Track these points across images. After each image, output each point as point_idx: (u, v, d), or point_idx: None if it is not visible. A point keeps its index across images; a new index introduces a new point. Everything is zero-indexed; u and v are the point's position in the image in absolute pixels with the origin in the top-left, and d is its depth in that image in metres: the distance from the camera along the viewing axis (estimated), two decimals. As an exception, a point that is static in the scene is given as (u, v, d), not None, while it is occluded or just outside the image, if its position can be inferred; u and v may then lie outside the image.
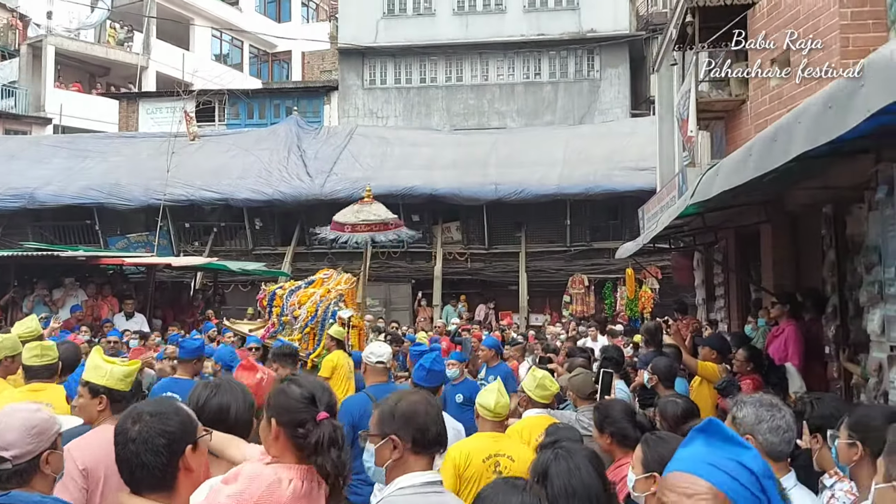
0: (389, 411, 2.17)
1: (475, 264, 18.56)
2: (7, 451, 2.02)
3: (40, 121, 25.88)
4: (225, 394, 2.31)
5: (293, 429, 2.03)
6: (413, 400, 2.22)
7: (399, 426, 2.13)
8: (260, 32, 29.71)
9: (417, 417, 2.15)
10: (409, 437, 2.12)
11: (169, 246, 18.43)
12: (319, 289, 8.25)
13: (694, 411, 3.61)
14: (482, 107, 22.90)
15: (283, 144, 19.93)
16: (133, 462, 1.80)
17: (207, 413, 2.25)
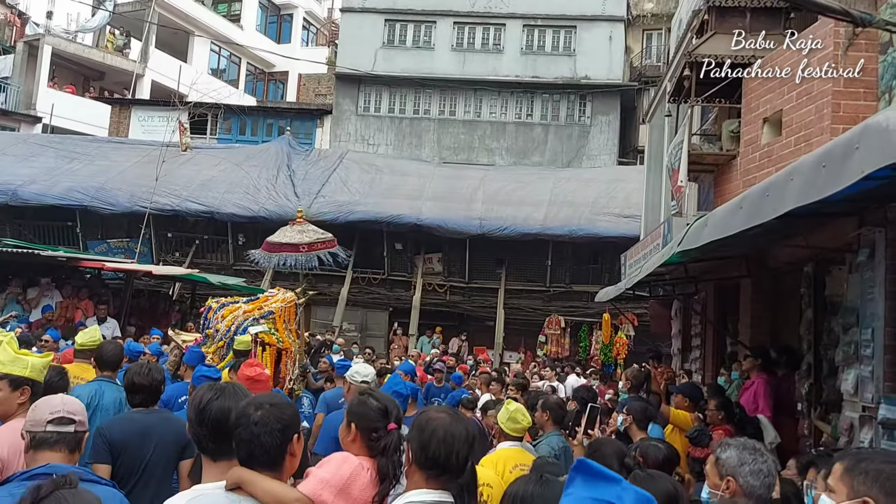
0: (416, 419, 2.21)
1: (454, 297, 18.61)
2: (75, 416, 2.46)
3: (30, 119, 25.69)
4: (228, 398, 2.30)
5: (368, 433, 2.58)
6: (430, 416, 2.17)
7: (411, 437, 2.15)
8: (259, 49, 29.88)
9: (423, 434, 2.12)
10: (413, 451, 2.13)
11: (149, 254, 18.31)
12: (250, 306, 8.22)
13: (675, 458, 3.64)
14: (473, 142, 23.17)
15: (273, 163, 19.99)
16: (253, 442, 2.08)
17: (209, 415, 2.23)
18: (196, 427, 2.23)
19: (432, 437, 2.09)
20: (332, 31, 31.05)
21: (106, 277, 15.26)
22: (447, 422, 2.14)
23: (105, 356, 4.69)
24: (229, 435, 2.15)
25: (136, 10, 28.16)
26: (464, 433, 2.13)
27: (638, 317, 14.89)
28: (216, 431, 2.21)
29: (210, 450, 2.23)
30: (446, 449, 2.08)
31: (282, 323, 8.14)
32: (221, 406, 2.24)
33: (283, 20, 34.37)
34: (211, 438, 2.22)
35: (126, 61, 28.33)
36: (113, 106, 26.00)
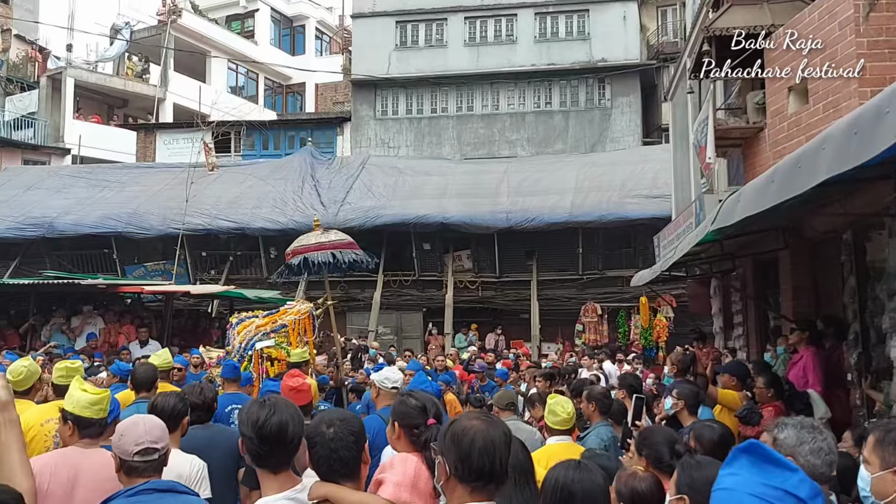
0: (444, 430, 2.05)
1: (486, 292, 18.58)
2: (158, 444, 2.62)
3: (59, 151, 26.26)
4: (282, 412, 2.35)
5: (410, 430, 2.81)
6: (466, 425, 1.99)
7: (447, 448, 1.99)
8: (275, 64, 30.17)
9: (461, 444, 1.95)
10: (452, 462, 1.95)
11: (186, 274, 18.54)
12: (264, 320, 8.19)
13: (730, 438, 3.58)
14: (493, 136, 23.12)
15: (297, 174, 20.16)
16: (332, 458, 2.24)
17: (268, 431, 2.29)
18: (256, 444, 2.27)
19: (472, 447, 1.94)
20: (344, 39, 31.19)
21: (146, 300, 15.55)
22: (484, 428, 1.99)
23: (139, 378, 4.91)
24: (288, 448, 2.26)
25: (153, 35, 28.62)
26: (502, 437, 2.00)
27: (676, 298, 14.73)
28: (277, 446, 2.28)
29: (270, 464, 2.29)
30: (489, 457, 1.94)
31: (295, 336, 8.07)
32: (280, 421, 2.30)
33: (295, 32, 34.62)
34: (272, 453, 2.28)
35: (147, 86, 28.80)
36: (138, 132, 26.47)
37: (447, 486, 1.99)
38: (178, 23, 28.25)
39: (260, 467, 2.32)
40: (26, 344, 12.12)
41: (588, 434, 5.04)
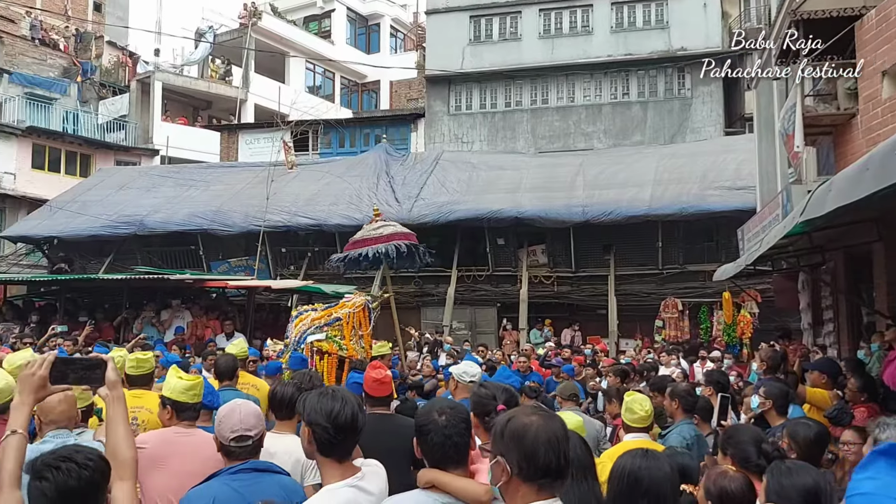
0: (499, 430, 1.96)
1: (562, 287, 18.36)
2: (251, 431, 2.82)
3: (148, 152, 27.50)
4: (352, 403, 2.42)
5: (482, 418, 3.00)
6: (525, 421, 1.91)
7: (506, 447, 1.91)
8: (351, 62, 30.67)
9: (524, 441, 1.88)
10: (515, 462, 1.87)
11: (267, 270, 19.08)
12: (320, 314, 8.15)
13: (827, 438, 3.42)
14: (568, 128, 22.83)
15: (372, 171, 20.42)
16: (447, 444, 2.29)
17: (342, 421, 2.36)
18: (331, 433, 2.33)
19: (536, 443, 1.87)
20: (419, 35, 31.41)
21: (230, 295, 16.11)
22: (543, 423, 1.92)
23: (221, 367, 5.18)
24: (356, 437, 2.40)
25: (235, 38, 29.59)
26: (562, 430, 1.94)
27: (761, 293, 14.18)
28: (349, 435, 2.37)
29: (337, 453, 2.37)
30: (555, 452, 1.87)
31: (349, 329, 7.94)
32: (352, 411, 2.38)
33: (371, 30, 35.12)
34: (342, 442, 2.36)
35: (230, 88, 29.80)
36: (221, 132, 27.41)
37: (508, 488, 1.90)
38: (259, 25, 29.11)
39: (326, 456, 2.38)
40: (120, 336, 12.76)
41: (670, 432, 4.91)
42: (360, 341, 7.95)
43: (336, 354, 7.55)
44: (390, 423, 4.26)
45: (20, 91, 25.35)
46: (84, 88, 28.14)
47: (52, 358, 2.35)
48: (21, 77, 25.72)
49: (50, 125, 25.67)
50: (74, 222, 19.84)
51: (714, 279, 11.88)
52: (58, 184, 23.95)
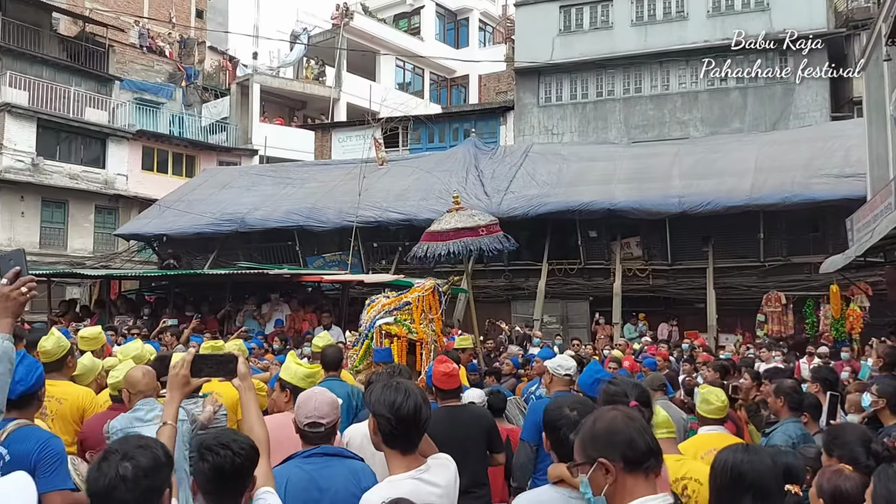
0: (590, 434, 1.94)
1: (657, 281, 17.89)
2: (324, 419, 2.94)
3: (248, 152, 28.66)
4: (416, 396, 2.48)
5: None
6: (609, 416, 1.95)
7: (604, 446, 1.90)
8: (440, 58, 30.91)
9: (620, 432, 1.90)
10: (619, 455, 1.87)
11: (359, 264, 19.50)
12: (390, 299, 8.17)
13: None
14: (663, 117, 22.18)
15: (461, 165, 20.50)
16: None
17: (405, 413, 2.41)
18: (394, 425, 2.40)
19: (630, 431, 1.89)
20: (507, 28, 31.30)
21: (325, 289, 16.58)
22: (626, 413, 1.96)
23: (327, 358, 5.28)
24: (420, 430, 2.43)
25: (328, 38, 30.36)
26: (640, 416, 2.03)
27: (872, 285, 13.38)
28: (413, 428, 2.42)
29: (401, 445, 2.43)
30: (649, 435, 1.92)
31: (419, 313, 7.88)
32: (415, 404, 2.43)
33: (460, 25, 35.26)
34: (406, 434, 2.42)
35: (323, 88, 30.63)
36: (315, 131, 28.20)
37: (616, 488, 1.86)
38: (351, 25, 29.75)
39: (391, 447, 2.44)
40: (223, 329, 13.36)
41: (775, 430, 4.71)
42: (431, 325, 7.87)
43: (406, 338, 7.53)
44: (463, 414, 4.35)
45: (130, 97, 26.90)
46: (188, 92, 29.59)
47: (190, 357, 2.68)
48: (131, 83, 27.30)
49: (158, 128, 27.13)
50: (181, 220, 20.91)
51: (821, 271, 11.34)
52: (165, 184, 25.31)
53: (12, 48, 23.86)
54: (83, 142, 24.97)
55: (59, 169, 23.73)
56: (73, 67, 25.49)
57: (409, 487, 2.34)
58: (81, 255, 23.87)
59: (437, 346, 7.83)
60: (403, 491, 2.31)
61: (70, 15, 26.69)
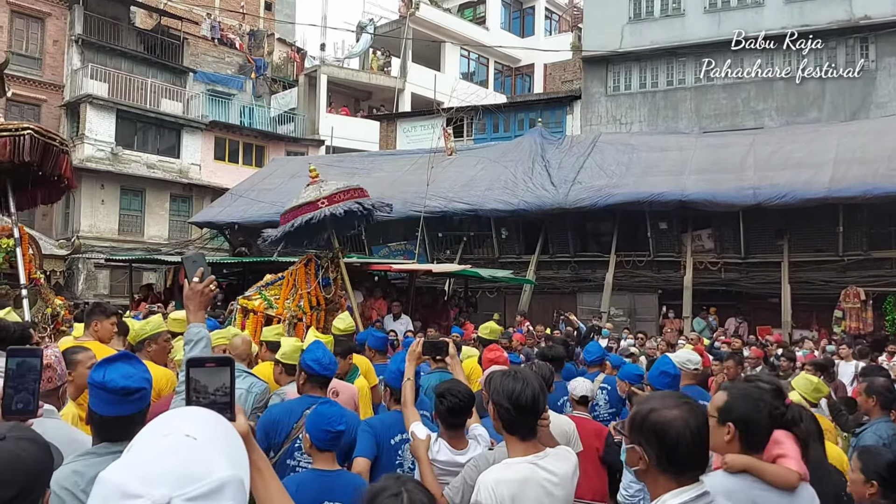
0: (641, 418, 1.93)
1: (729, 274, 17.47)
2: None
3: (315, 143, 29.15)
4: (533, 384, 2.55)
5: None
6: (670, 415, 1.88)
7: (645, 439, 1.90)
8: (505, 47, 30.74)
9: (667, 435, 1.86)
10: (654, 452, 1.87)
11: (424, 254, 19.66)
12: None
13: None
14: (736, 106, 21.54)
15: (527, 155, 20.38)
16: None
17: (524, 401, 2.49)
18: (512, 413, 2.46)
19: (680, 440, 1.85)
20: (574, 16, 30.91)
21: (391, 278, 16.74)
22: (686, 417, 1.88)
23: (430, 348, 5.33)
24: (538, 416, 2.50)
25: (394, 29, 30.55)
26: (704, 422, 1.92)
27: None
28: (531, 415, 2.48)
29: (520, 431, 2.49)
30: (697, 448, 1.87)
31: (289, 288, 8.04)
32: (533, 392, 2.48)
33: (525, 14, 34.98)
34: (524, 421, 2.48)
35: (388, 79, 30.87)
36: (380, 121, 28.46)
37: (647, 475, 1.91)
38: (417, 15, 29.86)
39: (510, 434, 2.51)
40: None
41: (865, 430, 4.61)
42: (301, 301, 7.93)
43: (262, 313, 7.65)
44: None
45: (203, 88, 27.67)
46: (258, 84, 30.25)
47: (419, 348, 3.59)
48: (204, 75, 28.07)
49: (229, 119, 27.86)
50: (252, 209, 21.43)
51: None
52: (236, 173, 25.99)
53: (93, 41, 24.83)
54: (159, 132, 25.85)
55: (137, 158, 24.62)
56: (150, 59, 26.36)
57: (525, 471, 2.39)
58: (157, 241, 24.76)
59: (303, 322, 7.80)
60: (518, 474, 2.37)
61: (146, 8, 27.58)
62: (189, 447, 1.07)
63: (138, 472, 1.02)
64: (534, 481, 2.38)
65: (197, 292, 2.54)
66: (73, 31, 24.64)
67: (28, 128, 7.32)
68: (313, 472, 3.09)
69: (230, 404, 1.45)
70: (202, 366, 1.47)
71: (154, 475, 1.01)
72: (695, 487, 1.86)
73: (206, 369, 1.46)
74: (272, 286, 8.24)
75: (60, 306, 8.24)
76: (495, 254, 19.88)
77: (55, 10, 24.71)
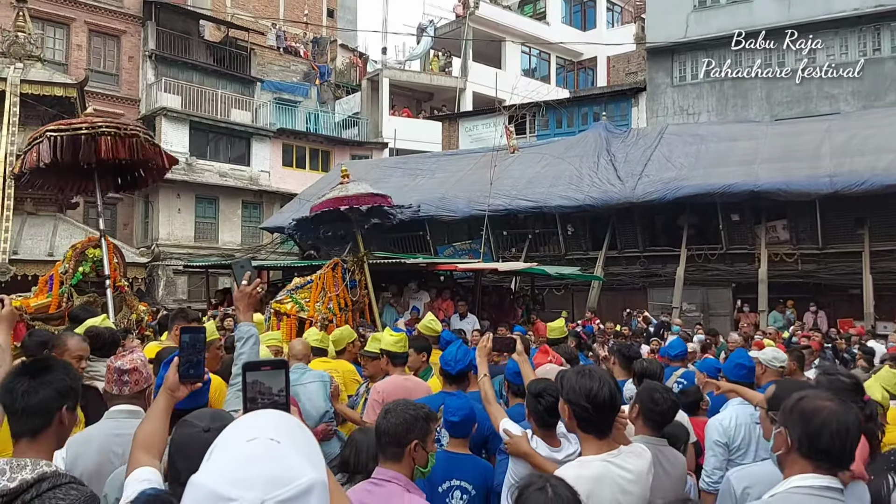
0: (791, 404, 2.05)
1: (806, 266, 16.86)
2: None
3: (378, 145, 29.53)
4: (609, 382, 2.57)
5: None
6: (820, 405, 1.99)
7: (792, 423, 2.01)
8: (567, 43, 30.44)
9: (813, 422, 1.96)
10: (797, 436, 1.99)
11: (489, 253, 19.66)
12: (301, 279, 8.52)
13: None
14: (809, 92, 20.77)
15: (592, 150, 20.13)
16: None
17: (600, 400, 2.50)
18: (590, 412, 2.46)
19: (823, 428, 1.94)
20: (637, 7, 30.31)
21: (457, 277, 16.82)
22: (837, 410, 1.96)
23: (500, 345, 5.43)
24: (615, 415, 2.52)
25: (453, 29, 30.66)
26: (855, 421, 1.98)
27: None
28: (609, 413, 2.49)
29: (597, 429, 2.50)
30: (840, 441, 1.94)
31: (318, 291, 8.24)
32: (610, 390, 2.48)
33: (586, 7, 34.53)
34: (603, 419, 2.49)
35: (449, 79, 31.00)
36: (442, 122, 28.62)
37: (787, 458, 2.03)
38: (476, 14, 29.89)
39: (585, 432, 2.52)
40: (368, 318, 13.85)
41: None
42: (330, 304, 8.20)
43: (295, 315, 7.88)
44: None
45: (270, 97, 28.42)
46: (322, 90, 30.86)
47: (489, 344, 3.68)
48: (271, 84, 28.82)
49: (295, 126, 28.52)
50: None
51: None
52: (303, 179, 26.58)
53: (166, 56, 25.81)
54: (230, 141, 26.68)
55: (210, 167, 25.47)
56: (219, 71, 27.24)
57: (600, 469, 2.40)
58: (231, 247, 25.57)
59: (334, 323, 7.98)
60: (592, 472, 2.38)
61: (214, 21, 28.49)
62: (275, 451, 1.11)
63: (230, 477, 1.05)
64: (609, 479, 2.38)
65: (245, 294, 2.76)
66: (147, 47, 25.68)
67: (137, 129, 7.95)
68: (443, 452, 3.32)
69: (287, 404, 1.53)
70: (258, 369, 1.54)
71: (245, 479, 1.04)
72: (827, 479, 1.95)
73: (262, 372, 1.53)
74: (301, 290, 8.57)
75: (144, 312, 8.63)
76: (561, 251, 19.72)
77: (130, 28, 25.81)
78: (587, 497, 2.31)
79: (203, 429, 1.93)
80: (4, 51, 18.33)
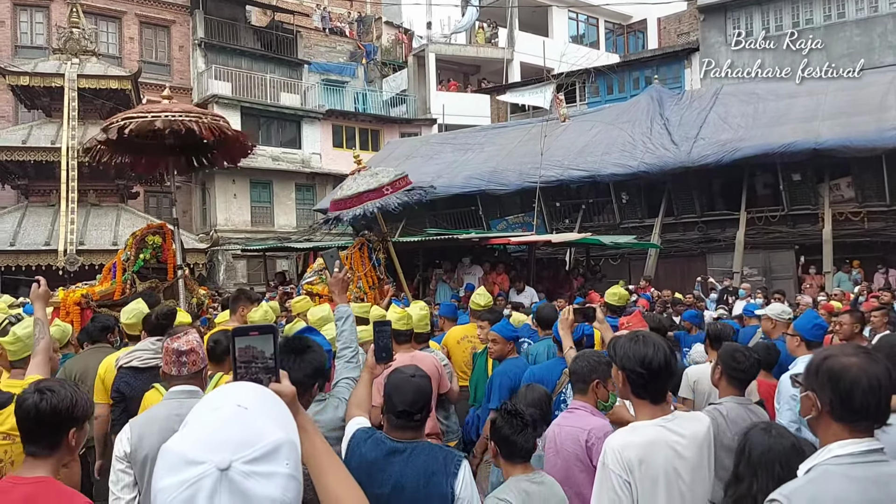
0: (815, 365, 1.94)
1: (873, 224, 16.21)
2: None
3: (427, 122, 29.46)
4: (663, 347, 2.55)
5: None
6: (847, 362, 1.88)
7: (819, 385, 1.90)
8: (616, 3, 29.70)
9: (843, 381, 1.86)
10: (827, 399, 1.88)
11: (542, 225, 19.50)
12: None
13: None
14: (871, 43, 19.83)
15: (644, 115, 19.67)
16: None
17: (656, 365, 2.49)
18: (646, 378, 2.44)
19: (854, 387, 1.84)
20: (686, -36, 29.31)
21: (511, 251, 16.77)
22: (865, 365, 1.86)
23: (543, 317, 5.39)
24: (671, 380, 2.51)
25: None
26: (886, 373, 1.86)
27: None
28: (666, 378, 2.48)
29: (651, 394, 2.47)
30: (875, 398, 1.84)
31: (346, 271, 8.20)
32: (665, 355, 2.47)
33: (633, -33, 33.56)
34: (657, 385, 2.46)
35: (496, 50, 30.64)
36: (490, 94, 28.35)
37: (818, 422, 1.93)
38: (521, -18, 29.39)
39: (639, 398, 2.48)
40: (420, 293, 13.99)
41: None
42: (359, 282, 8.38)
43: (328, 296, 7.75)
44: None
45: (318, 79, 28.59)
46: (368, 69, 30.90)
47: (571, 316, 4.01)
48: (318, 66, 28.99)
49: (344, 107, 28.66)
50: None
51: None
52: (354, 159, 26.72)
53: (215, 43, 26.20)
54: (280, 125, 27.02)
55: (263, 152, 25.86)
56: (267, 56, 27.51)
57: (653, 433, 2.37)
58: (287, 230, 26.00)
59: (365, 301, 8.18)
60: (646, 436, 2.35)
61: (260, 6, 28.73)
62: (241, 416, 1.17)
63: (199, 441, 1.12)
64: (662, 443, 2.34)
65: (338, 280, 3.42)
66: (196, 36, 26.10)
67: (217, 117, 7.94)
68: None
69: (276, 368, 1.56)
70: (247, 334, 1.56)
71: (214, 442, 1.11)
72: (867, 441, 1.85)
73: (252, 337, 1.55)
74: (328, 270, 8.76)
75: (204, 295, 8.89)
76: (616, 219, 19.42)
77: (178, 17, 26.26)
78: (639, 463, 2.29)
79: (410, 375, 2.67)
80: (61, 47, 18.92)
